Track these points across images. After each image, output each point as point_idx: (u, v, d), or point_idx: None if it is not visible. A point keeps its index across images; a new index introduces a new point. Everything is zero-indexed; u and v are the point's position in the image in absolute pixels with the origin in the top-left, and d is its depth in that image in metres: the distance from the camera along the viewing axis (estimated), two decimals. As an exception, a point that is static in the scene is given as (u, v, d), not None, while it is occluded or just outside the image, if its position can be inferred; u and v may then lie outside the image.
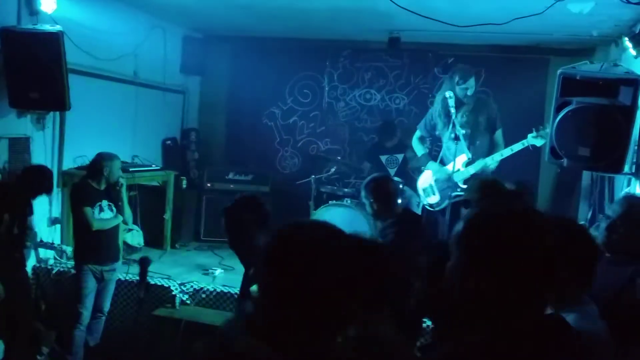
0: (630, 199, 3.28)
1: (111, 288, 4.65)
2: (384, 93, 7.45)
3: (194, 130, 7.60)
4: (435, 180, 5.16)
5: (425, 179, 5.29)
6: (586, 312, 1.87)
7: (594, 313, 1.91)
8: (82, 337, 4.47)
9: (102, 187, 4.49)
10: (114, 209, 4.59)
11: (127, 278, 4.93)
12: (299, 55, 7.49)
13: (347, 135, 7.61)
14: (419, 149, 5.49)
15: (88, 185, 4.49)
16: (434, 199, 5.18)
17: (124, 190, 4.61)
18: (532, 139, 4.62)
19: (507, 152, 4.83)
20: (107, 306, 4.64)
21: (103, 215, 4.51)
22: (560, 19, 4.78)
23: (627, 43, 4.44)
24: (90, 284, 4.45)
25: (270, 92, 7.65)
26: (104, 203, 4.51)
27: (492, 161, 4.87)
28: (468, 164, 4.94)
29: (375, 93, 7.49)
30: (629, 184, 4.45)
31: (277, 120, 7.75)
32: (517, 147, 4.74)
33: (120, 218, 4.68)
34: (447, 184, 5.05)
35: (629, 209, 2.57)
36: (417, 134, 5.52)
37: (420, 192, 5.34)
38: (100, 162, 4.46)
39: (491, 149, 5.04)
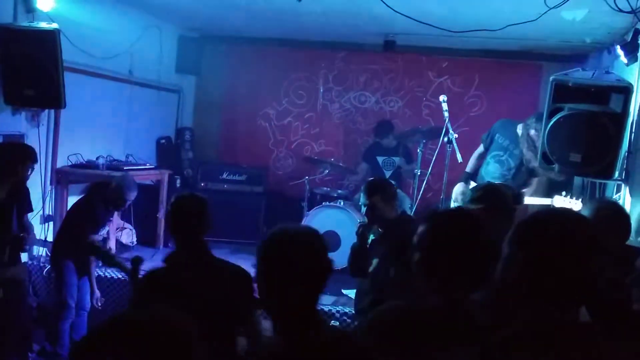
0: (598, 201, 3.45)
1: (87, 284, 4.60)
2: (379, 96, 7.48)
3: (189, 130, 7.59)
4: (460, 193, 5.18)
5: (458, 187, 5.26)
6: None
7: None
8: (67, 330, 4.49)
9: None
10: None
11: (122, 276, 4.93)
12: (294, 56, 7.51)
13: (341, 137, 7.64)
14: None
15: None
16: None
17: None
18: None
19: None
20: (87, 302, 4.60)
21: None
22: (553, 25, 4.83)
23: (619, 51, 4.48)
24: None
25: (265, 92, 7.66)
26: None
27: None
28: None
29: (369, 95, 7.52)
30: (618, 190, 4.51)
31: (271, 121, 7.76)
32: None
33: None
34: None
35: (597, 211, 2.76)
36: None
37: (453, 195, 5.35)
38: None
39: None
